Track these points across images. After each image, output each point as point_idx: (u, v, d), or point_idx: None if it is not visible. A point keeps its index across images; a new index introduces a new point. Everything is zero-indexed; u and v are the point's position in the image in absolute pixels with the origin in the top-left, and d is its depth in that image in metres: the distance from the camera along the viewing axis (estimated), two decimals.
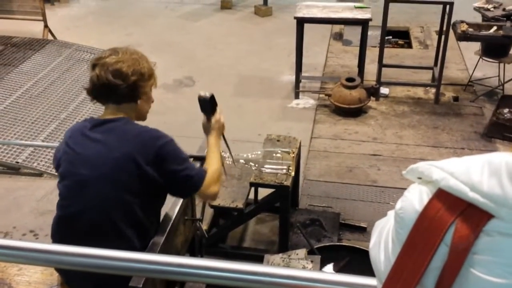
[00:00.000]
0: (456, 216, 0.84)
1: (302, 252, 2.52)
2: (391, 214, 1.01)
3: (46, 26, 6.26)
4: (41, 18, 6.20)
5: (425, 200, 0.89)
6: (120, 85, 1.89)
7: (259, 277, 1.39)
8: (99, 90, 1.93)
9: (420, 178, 0.93)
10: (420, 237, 0.87)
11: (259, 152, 2.29)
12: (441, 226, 0.84)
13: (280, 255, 2.51)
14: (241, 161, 2.25)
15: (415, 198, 0.91)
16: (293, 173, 2.38)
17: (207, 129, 2.13)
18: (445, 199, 0.86)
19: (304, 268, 2.35)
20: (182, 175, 1.91)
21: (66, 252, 1.55)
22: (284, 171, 2.29)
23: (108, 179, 1.84)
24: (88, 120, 2.01)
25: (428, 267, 0.85)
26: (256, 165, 2.24)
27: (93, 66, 1.93)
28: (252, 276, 1.38)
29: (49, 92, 5.22)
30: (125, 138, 1.87)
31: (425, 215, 0.87)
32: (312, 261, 2.44)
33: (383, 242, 0.97)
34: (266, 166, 2.24)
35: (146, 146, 1.86)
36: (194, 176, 1.93)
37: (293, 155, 2.34)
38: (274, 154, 2.23)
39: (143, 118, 2.07)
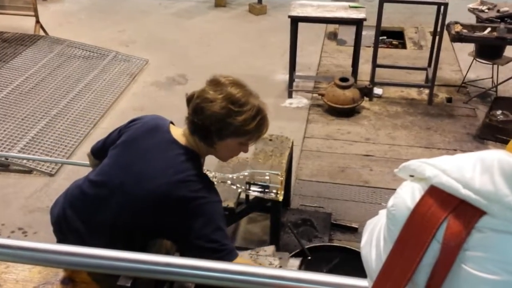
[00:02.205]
0: (448, 213, 0.84)
1: (270, 249, 2.52)
2: (382, 213, 1.00)
3: (37, 21, 6.19)
4: (32, 13, 6.14)
5: (417, 197, 0.89)
6: (195, 121, 1.78)
7: (247, 277, 1.37)
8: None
9: (412, 176, 0.93)
10: (412, 233, 0.86)
11: (246, 173, 2.26)
12: (433, 223, 0.84)
13: (249, 251, 2.50)
14: (228, 182, 2.23)
15: (407, 195, 0.90)
16: (281, 198, 2.37)
17: None
18: (437, 196, 0.86)
19: (270, 264, 2.34)
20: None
21: (53, 250, 1.53)
22: (272, 195, 2.28)
23: (126, 204, 1.80)
24: (165, 125, 1.90)
25: (420, 264, 0.85)
26: (242, 187, 2.23)
27: (209, 81, 1.83)
28: (240, 276, 1.36)
29: (40, 88, 5.18)
30: (165, 181, 1.75)
31: (417, 212, 0.87)
32: (280, 258, 2.44)
33: (375, 240, 0.96)
34: (252, 189, 2.23)
35: (177, 201, 1.76)
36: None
37: (282, 178, 2.31)
38: (261, 177, 2.21)
39: (220, 159, 1.97)
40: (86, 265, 1.55)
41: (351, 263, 2.83)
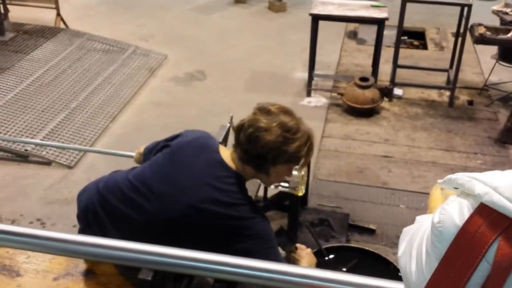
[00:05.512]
0: (499, 233, 0.80)
1: None
2: (420, 220, 0.97)
3: (58, 14, 6.23)
4: (53, 6, 6.18)
5: (466, 214, 0.85)
6: (250, 150, 1.80)
7: (271, 274, 1.35)
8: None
9: (456, 188, 0.90)
10: (460, 253, 0.83)
11: None
12: (482, 243, 0.81)
13: None
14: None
15: (455, 212, 0.86)
16: (301, 193, 2.37)
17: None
18: (487, 215, 0.82)
19: None
20: None
21: (76, 241, 1.53)
22: (293, 190, 2.28)
23: (161, 214, 1.81)
24: (214, 145, 1.91)
25: (468, 284, 0.82)
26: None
27: (258, 109, 1.84)
28: (267, 274, 1.34)
29: (60, 81, 5.20)
30: (211, 200, 1.77)
31: (466, 231, 0.83)
32: None
33: (415, 252, 0.93)
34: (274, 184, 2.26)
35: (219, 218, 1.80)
36: None
37: (303, 173, 2.32)
38: None
39: (265, 184, 2.07)
40: (108, 257, 1.55)
41: (369, 264, 2.81)
